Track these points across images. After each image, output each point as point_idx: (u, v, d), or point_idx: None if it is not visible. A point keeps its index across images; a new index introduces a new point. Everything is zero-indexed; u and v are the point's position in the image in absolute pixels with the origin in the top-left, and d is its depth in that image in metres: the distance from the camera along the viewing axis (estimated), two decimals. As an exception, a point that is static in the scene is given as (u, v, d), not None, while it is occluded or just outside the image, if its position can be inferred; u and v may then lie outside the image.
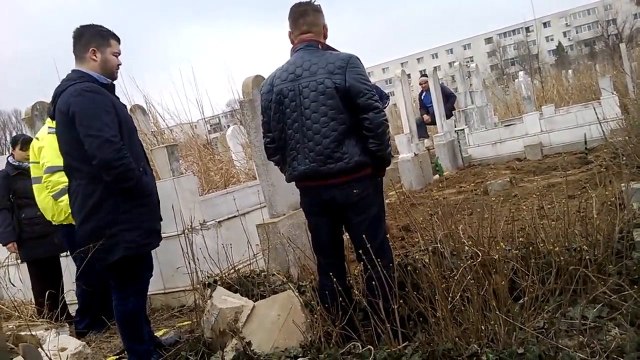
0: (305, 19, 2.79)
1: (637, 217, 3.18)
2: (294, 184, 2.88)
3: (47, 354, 2.85)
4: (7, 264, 5.04)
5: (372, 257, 2.55)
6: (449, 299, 2.50)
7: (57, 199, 3.95)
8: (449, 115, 11.03)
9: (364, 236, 2.58)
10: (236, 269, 3.83)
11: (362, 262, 2.66)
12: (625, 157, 4.53)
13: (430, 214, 3.38)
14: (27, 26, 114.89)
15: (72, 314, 4.41)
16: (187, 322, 3.91)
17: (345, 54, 2.72)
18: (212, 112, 14.46)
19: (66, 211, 3.81)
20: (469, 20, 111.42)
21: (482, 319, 2.41)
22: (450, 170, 9.51)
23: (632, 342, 2.18)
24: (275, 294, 3.34)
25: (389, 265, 2.68)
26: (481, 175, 8.55)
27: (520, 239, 3.09)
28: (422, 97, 11.74)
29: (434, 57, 78.67)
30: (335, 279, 2.65)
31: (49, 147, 3.89)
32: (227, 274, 3.74)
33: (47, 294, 4.16)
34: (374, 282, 2.57)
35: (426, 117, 11.42)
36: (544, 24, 72.35)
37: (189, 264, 3.47)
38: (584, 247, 2.78)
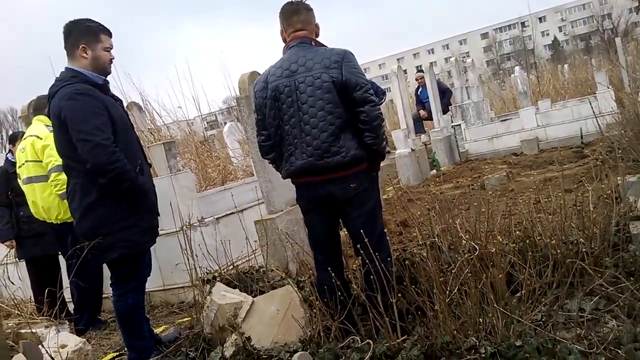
0: (299, 17, 2.80)
1: (633, 210, 3.20)
2: (291, 180, 2.88)
3: (48, 351, 2.86)
4: (6, 262, 5.03)
5: (370, 252, 2.57)
6: (447, 292, 2.51)
7: (64, 198, 3.93)
8: (445, 110, 11.04)
9: (362, 231, 2.60)
10: (235, 265, 3.84)
11: (360, 257, 2.68)
12: (621, 150, 4.54)
13: (427, 208, 3.39)
14: (25, 25, 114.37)
15: (71, 312, 4.41)
16: (186, 319, 3.91)
17: (339, 49, 2.72)
18: (209, 109, 14.48)
19: None
20: (465, 15, 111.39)
21: (480, 312, 2.42)
22: (447, 165, 9.53)
23: (629, 333, 2.21)
24: (274, 290, 3.34)
25: (387, 259, 2.69)
26: (478, 170, 8.57)
27: (517, 233, 3.10)
28: (419, 92, 11.75)
29: (430, 53, 78.75)
30: (333, 274, 2.67)
31: (54, 146, 3.87)
32: (225, 270, 3.75)
33: (47, 291, 4.16)
34: (372, 277, 2.59)
35: (422, 112, 11.43)
36: (540, 19, 72.51)
37: (188, 260, 3.47)
38: (581, 240, 2.79)
